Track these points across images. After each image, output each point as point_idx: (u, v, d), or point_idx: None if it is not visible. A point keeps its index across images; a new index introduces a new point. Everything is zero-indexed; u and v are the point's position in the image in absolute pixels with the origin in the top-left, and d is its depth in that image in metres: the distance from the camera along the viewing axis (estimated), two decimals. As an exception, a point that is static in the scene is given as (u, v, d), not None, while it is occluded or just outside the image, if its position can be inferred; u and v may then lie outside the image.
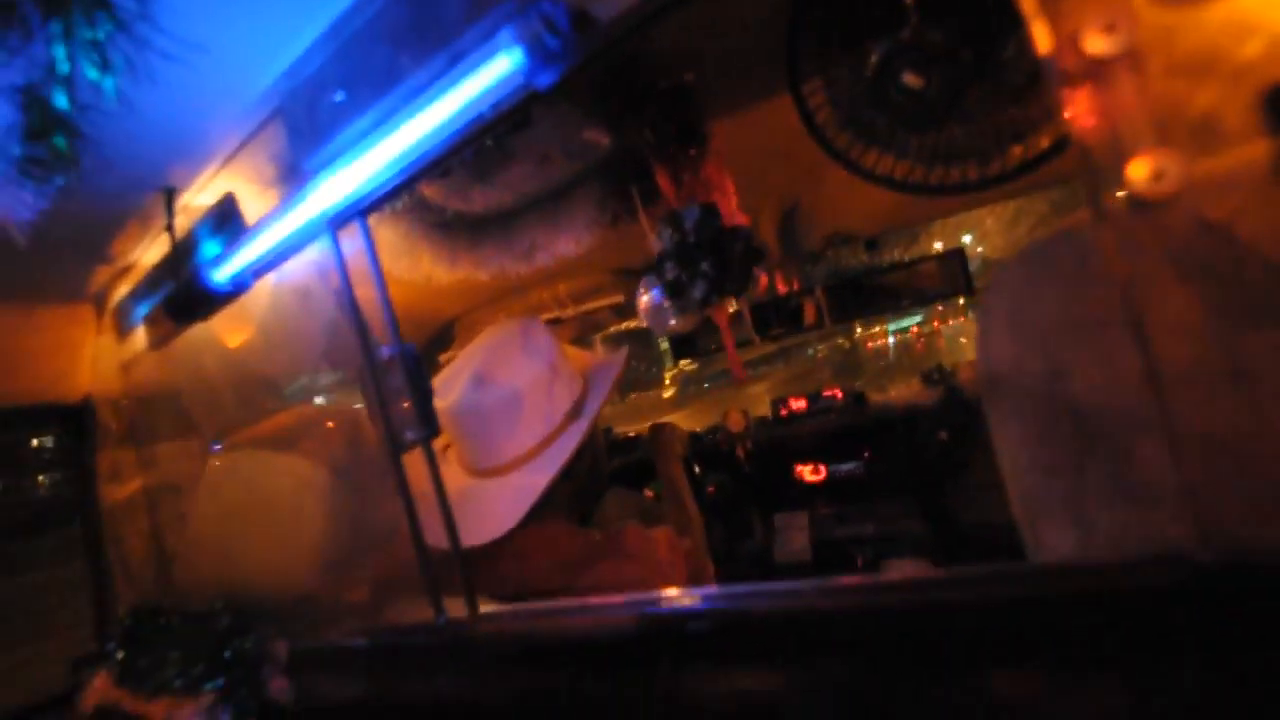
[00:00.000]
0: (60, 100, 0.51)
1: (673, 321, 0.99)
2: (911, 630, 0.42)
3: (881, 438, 2.14)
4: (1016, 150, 0.59)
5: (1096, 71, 0.35)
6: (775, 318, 2.07)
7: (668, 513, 1.66)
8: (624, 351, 1.22)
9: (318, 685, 0.86)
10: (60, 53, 0.49)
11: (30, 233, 0.65)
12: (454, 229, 1.07)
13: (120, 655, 1.09)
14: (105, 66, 0.52)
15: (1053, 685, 0.38)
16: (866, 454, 2.18)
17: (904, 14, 0.59)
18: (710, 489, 2.24)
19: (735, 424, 2.29)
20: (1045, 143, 0.58)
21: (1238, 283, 0.37)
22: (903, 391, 2.32)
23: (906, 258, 2.06)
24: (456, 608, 0.73)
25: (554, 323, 2.08)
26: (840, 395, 2.27)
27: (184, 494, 1.14)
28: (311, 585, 0.99)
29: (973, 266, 1.91)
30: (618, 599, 0.61)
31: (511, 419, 0.99)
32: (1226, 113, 0.34)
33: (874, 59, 0.63)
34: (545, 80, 0.51)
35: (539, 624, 0.64)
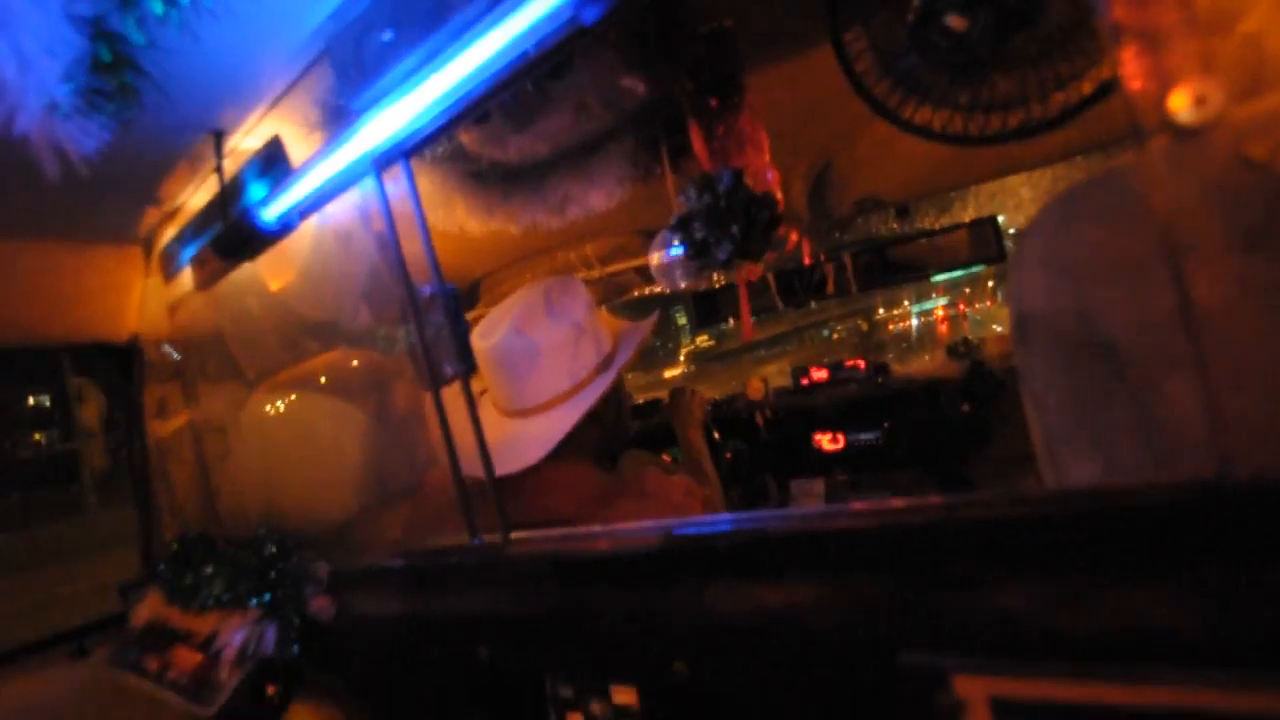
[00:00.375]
0: (131, 32, 0.54)
1: (681, 281, 1.01)
2: (920, 546, 0.44)
3: (903, 409, 2.14)
4: (1058, 97, 0.59)
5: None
6: (800, 285, 2.07)
7: (687, 467, 1.70)
8: (654, 316, 1.28)
9: (357, 602, 0.91)
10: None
11: (86, 170, 0.68)
12: (488, 180, 1.09)
13: (170, 576, 1.17)
14: (170, 1, 0.54)
15: (1057, 595, 0.40)
16: (886, 424, 2.18)
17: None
18: (728, 454, 2.28)
19: (755, 392, 2.31)
20: (1088, 89, 0.57)
21: (1276, 220, 0.38)
22: (926, 364, 2.31)
23: (937, 225, 2.03)
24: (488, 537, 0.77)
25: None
26: (863, 366, 2.27)
27: (227, 430, 1.20)
28: (348, 514, 1.04)
29: (1006, 240, 1.87)
30: (641, 523, 0.64)
31: (546, 364, 1.05)
32: (1271, 45, 0.34)
33: (917, 1, 0.63)
34: (591, 14, 0.52)
35: (568, 545, 0.68)
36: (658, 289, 2.19)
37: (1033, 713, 0.42)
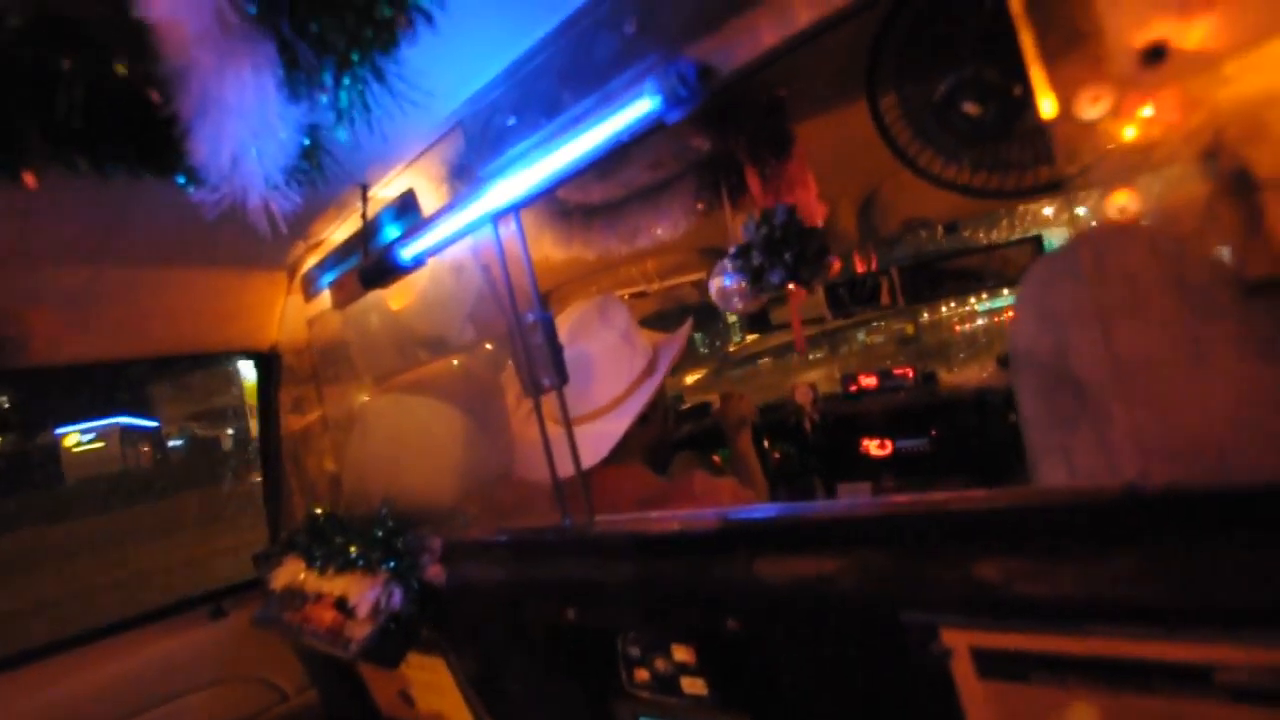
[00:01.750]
0: (340, 133, 0.74)
1: (739, 304, 1.17)
2: (918, 530, 0.58)
3: (950, 417, 2.20)
4: (1044, 172, 0.71)
5: (1084, 129, 0.49)
6: (849, 296, 2.17)
7: (734, 477, 1.84)
8: (688, 324, 1.43)
9: (465, 571, 1.10)
10: (344, 98, 0.71)
11: (283, 226, 0.90)
12: (571, 216, 1.28)
13: (307, 545, 1.41)
14: (364, 105, 0.74)
15: (1022, 569, 0.53)
16: (934, 432, 2.24)
17: (969, 52, 0.72)
18: (776, 455, 2.39)
19: (803, 397, 2.40)
20: (1070, 170, 0.70)
21: (1190, 286, 0.51)
22: (975, 373, 2.36)
23: (986, 241, 2.09)
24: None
25: (639, 296, 2.28)
26: (911, 374, 2.34)
27: (351, 425, 1.43)
28: (451, 499, 1.25)
29: (1054, 253, 1.92)
30: (705, 510, 0.80)
31: (595, 375, 1.22)
32: (1178, 163, 0.47)
33: (941, 88, 0.76)
34: (673, 117, 0.68)
35: (642, 526, 0.84)
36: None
37: (1002, 657, 0.56)
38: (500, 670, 1.14)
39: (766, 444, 2.47)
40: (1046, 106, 0.51)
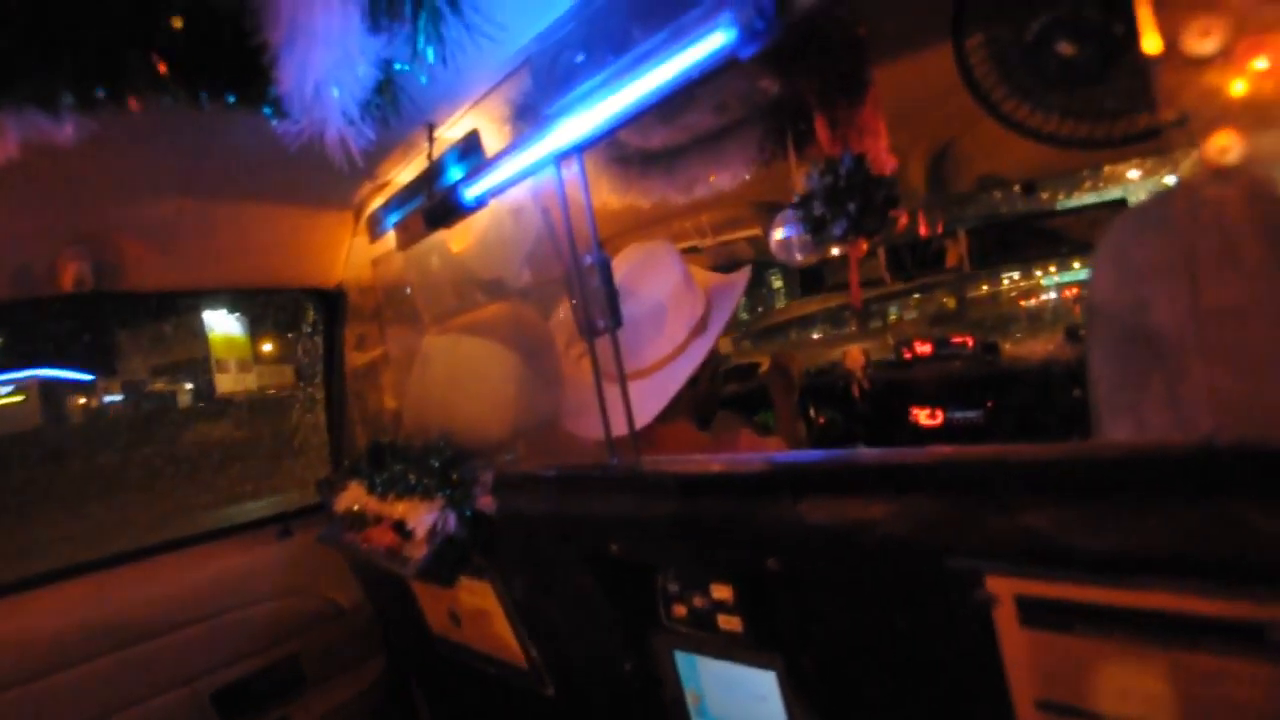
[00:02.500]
0: (419, 72, 0.76)
1: (798, 255, 1.14)
2: (967, 476, 0.58)
3: (1009, 389, 2.12)
4: (1141, 119, 0.66)
5: (1190, 66, 0.46)
6: (911, 259, 2.10)
7: (779, 433, 1.83)
8: (746, 271, 1.39)
9: (515, 503, 1.16)
10: (421, 37, 0.72)
11: (360, 160, 0.93)
12: (629, 162, 1.27)
13: (369, 472, 1.50)
14: (440, 41, 0.75)
15: (1076, 518, 0.53)
16: (990, 404, 2.17)
17: (1065, -15, 0.67)
18: (821, 419, 2.37)
19: (854, 361, 2.36)
20: (1169, 116, 0.65)
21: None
22: (1042, 345, 2.25)
23: (1066, 204, 1.97)
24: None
25: (691, 251, 2.25)
26: (970, 343, 2.26)
27: (412, 363, 1.50)
28: (504, 435, 1.30)
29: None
30: (751, 455, 0.82)
31: (647, 331, 1.21)
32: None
33: (1035, 25, 0.72)
34: (748, 52, 0.67)
35: (688, 466, 0.87)
36: (767, 256, 2.29)
37: (1047, 607, 0.56)
38: (543, 597, 1.21)
39: (812, 410, 2.44)
40: (1151, 41, 0.47)
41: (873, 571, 0.68)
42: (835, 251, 1.06)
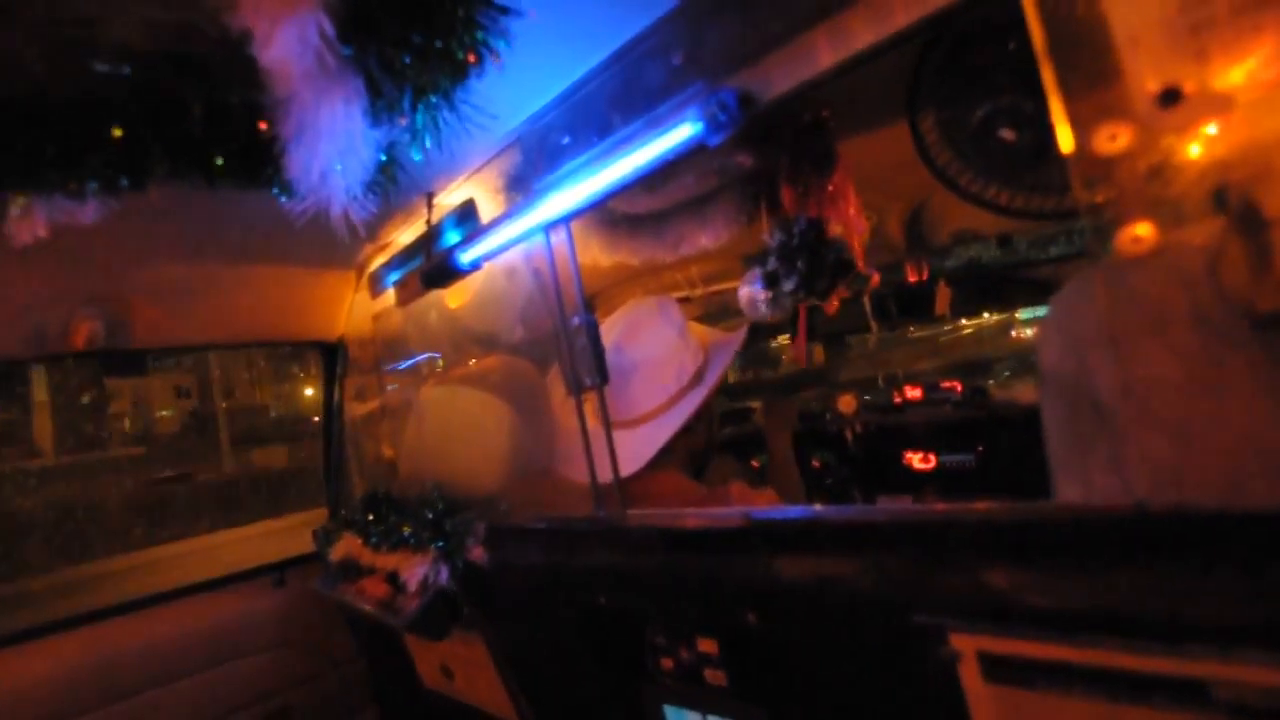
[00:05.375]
0: (415, 153, 0.82)
1: (765, 311, 1.19)
2: (939, 537, 0.61)
3: (998, 434, 2.15)
4: (1070, 199, 0.72)
5: (1102, 165, 0.52)
6: (895, 306, 2.15)
7: (772, 482, 1.85)
8: (744, 329, 1.44)
9: (506, 555, 1.18)
10: (419, 122, 0.79)
11: (362, 231, 0.99)
12: (618, 224, 1.34)
13: (363, 523, 1.52)
14: (435, 126, 0.83)
15: (1030, 579, 0.56)
16: (980, 448, 2.19)
17: (1005, 81, 0.74)
18: (815, 462, 2.38)
19: (847, 406, 2.39)
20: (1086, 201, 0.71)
21: (1205, 316, 0.52)
22: (1026, 389, 2.29)
23: (1042, 255, 2.03)
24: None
25: (683, 301, 2.32)
26: (959, 388, 2.29)
27: (408, 414, 1.54)
28: (497, 486, 1.33)
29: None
30: (731, 509, 0.85)
31: (644, 379, 1.25)
32: (1190, 199, 0.49)
33: (979, 114, 0.79)
34: (714, 141, 0.73)
35: (671, 521, 0.90)
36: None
37: (1008, 663, 0.59)
38: (535, 650, 1.21)
39: (807, 452, 2.46)
40: (1065, 140, 0.53)
41: (846, 627, 0.70)
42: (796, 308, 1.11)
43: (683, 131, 0.75)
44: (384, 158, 0.90)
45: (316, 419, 1.97)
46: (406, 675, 1.64)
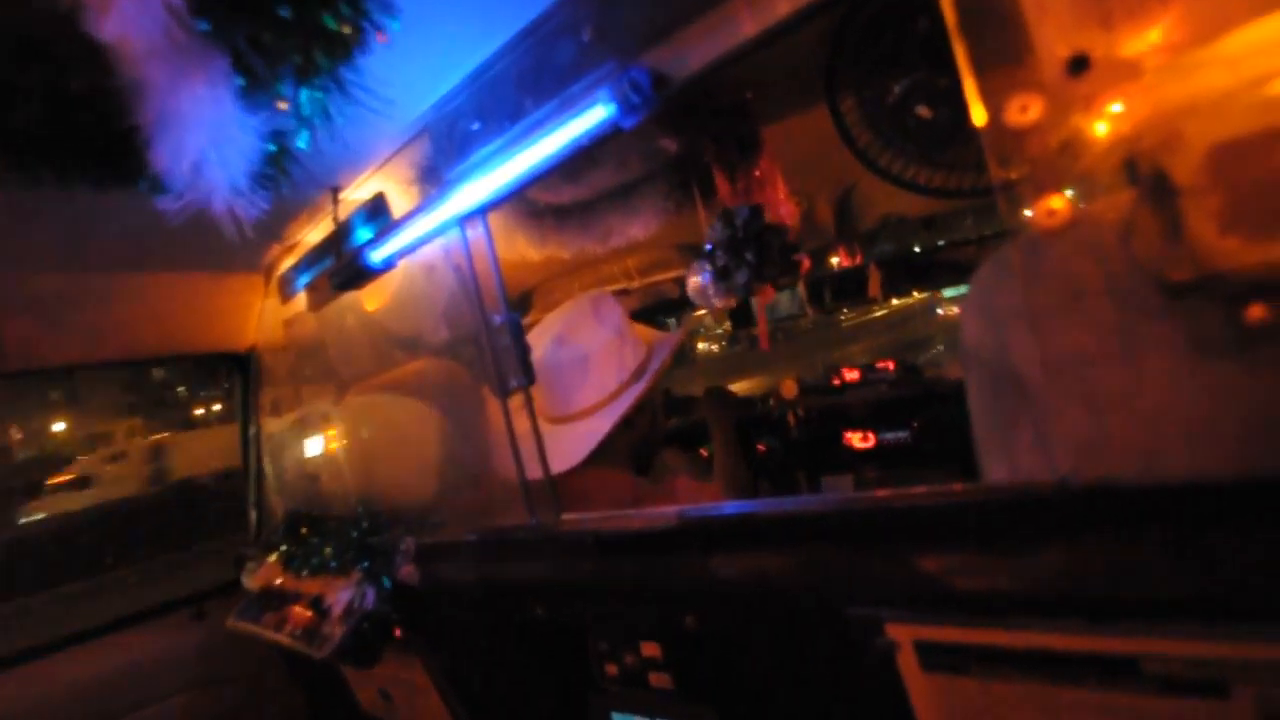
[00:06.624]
0: (301, 141, 0.74)
1: (716, 301, 1.17)
2: (868, 525, 0.60)
3: (932, 410, 2.22)
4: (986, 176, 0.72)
5: (1014, 137, 0.51)
6: (830, 291, 2.18)
7: (716, 470, 1.85)
8: (685, 325, 1.43)
9: (438, 570, 1.12)
10: (305, 106, 0.71)
11: (251, 230, 0.90)
12: (544, 216, 1.28)
13: (284, 546, 1.42)
14: (326, 114, 0.75)
15: (960, 563, 0.55)
16: (916, 424, 2.26)
17: (920, 57, 0.73)
18: (760, 447, 2.40)
19: (788, 391, 2.41)
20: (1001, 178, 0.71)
21: (1119, 288, 0.52)
22: (956, 365, 2.37)
23: (966, 237, 2.10)
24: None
25: (621, 293, 2.28)
26: (893, 367, 2.36)
27: (329, 425, 1.44)
28: (428, 497, 1.26)
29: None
30: (665, 509, 0.82)
31: (584, 375, 1.21)
32: (1102, 170, 0.48)
33: (896, 89, 0.78)
34: (629, 123, 0.69)
35: (606, 524, 0.86)
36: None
37: (944, 650, 0.58)
38: (476, 668, 1.16)
39: (751, 439, 2.48)
40: (978, 114, 0.52)
41: (784, 623, 0.68)
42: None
43: (596, 114, 0.70)
44: (273, 148, 0.81)
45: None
46: (344, 704, 1.55)
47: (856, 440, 2.38)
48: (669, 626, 0.83)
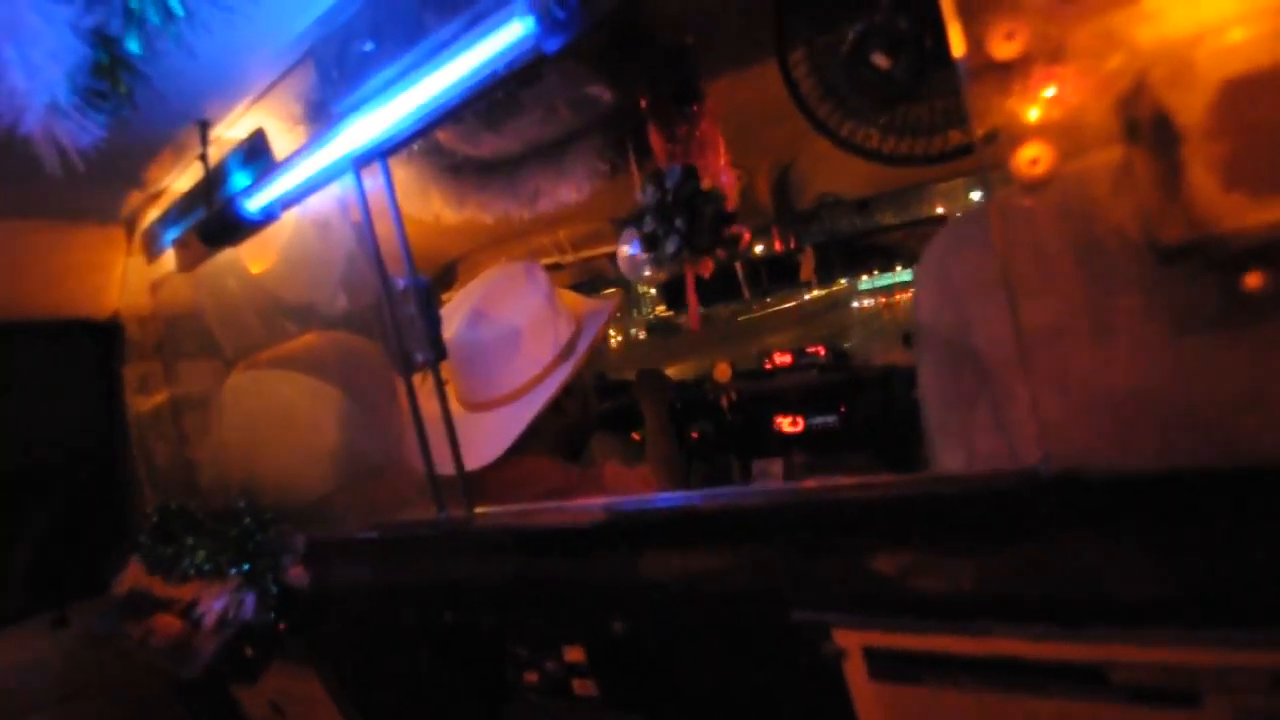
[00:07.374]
0: (131, 43, 0.59)
1: (648, 272, 1.07)
2: (815, 520, 0.53)
3: (859, 394, 2.24)
4: (955, 135, 0.67)
5: (997, 72, 0.44)
6: (766, 274, 2.15)
7: (649, 454, 1.77)
8: (617, 296, 1.32)
9: (332, 571, 0.98)
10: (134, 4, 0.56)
11: (82, 163, 0.73)
12: (463, 173, 1.15)
13: (151, 546, 1.22)
14: (167, 12, 0.59)
15: (916, 562, 0.49)
16: (843, 409, 2.28)
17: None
18: (694, 434, 2.36)
19: (722, 375, 2.38)
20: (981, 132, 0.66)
21: (1099, 255, 0.46)
22: (884, 351, 2.40)
23: (899, 220, 2.11)
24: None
25: (554, 268, 2.16)
26: (823, 352, 2.37)
27: (208, 407, 1.25)
28: (325, 489, 1.10)
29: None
30: (592, 501, 0.72)
31: (505, 356, 1.06)
32: (1093, 113, 0.42)
33: (850, 37, 0.70)
34: (553, 46, 0.58)
35: (525, 519, 0.76)
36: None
37: (895, 658, 0.52)
38: (378, 679, 1.03)
39: (684, 423, 2.44)
40: (957, 42, 0.44)
41: (722, 629, 0.61)
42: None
43: (513, 31, 0.58)
44: (104, 55, 0.65)
45: None
46: (231, 718, 1.38)
47: (786, 425, 2.38)
48: (594, 630, 0.74)
